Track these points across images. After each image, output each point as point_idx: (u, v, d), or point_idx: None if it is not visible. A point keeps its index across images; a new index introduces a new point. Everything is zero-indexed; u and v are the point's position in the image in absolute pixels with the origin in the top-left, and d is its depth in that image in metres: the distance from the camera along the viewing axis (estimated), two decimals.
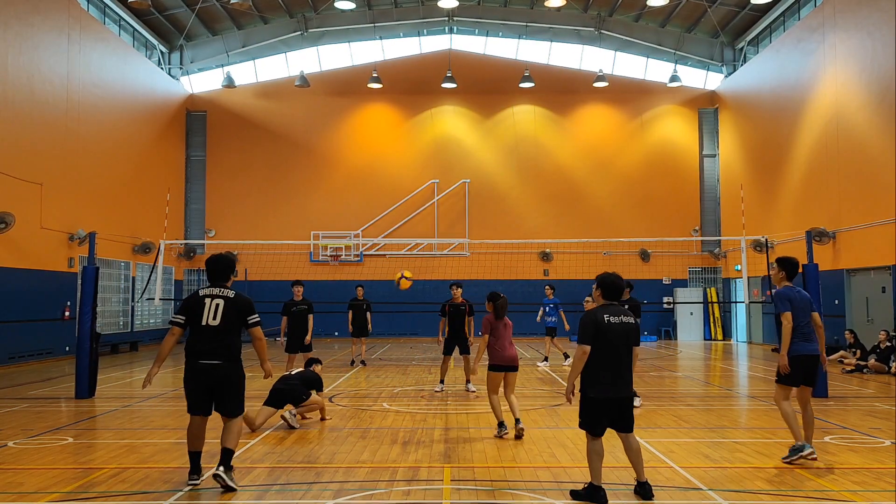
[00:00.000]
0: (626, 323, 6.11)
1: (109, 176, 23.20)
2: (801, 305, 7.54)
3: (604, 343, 6.00)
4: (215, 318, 6.45)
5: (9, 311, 17.88)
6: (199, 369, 6.42)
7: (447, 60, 29.24)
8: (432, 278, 28.12)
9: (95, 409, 11.10)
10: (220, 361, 6.41)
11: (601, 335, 6.00)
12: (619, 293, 6.40)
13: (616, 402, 6.06)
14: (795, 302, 7.51)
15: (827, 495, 6.18)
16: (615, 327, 6.04)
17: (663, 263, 28.92)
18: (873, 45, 18.93)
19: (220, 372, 6.42)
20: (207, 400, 6.47)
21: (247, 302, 6.64)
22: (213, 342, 6.42)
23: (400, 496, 6.16)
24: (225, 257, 6.90)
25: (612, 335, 6.02)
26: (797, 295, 7.60)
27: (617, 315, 6.11)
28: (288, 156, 29.67)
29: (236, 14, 27.57)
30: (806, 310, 7.55)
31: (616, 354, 6.02)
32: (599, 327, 6.02)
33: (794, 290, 7.64)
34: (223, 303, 6.51)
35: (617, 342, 6.03)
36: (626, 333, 6.08)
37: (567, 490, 6.25)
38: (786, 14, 25.16)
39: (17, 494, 6.25)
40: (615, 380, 6.01)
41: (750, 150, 26.85)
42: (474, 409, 10.84)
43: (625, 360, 6.06)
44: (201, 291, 6.61)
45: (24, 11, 18.95)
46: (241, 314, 6.53)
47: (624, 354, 6.06)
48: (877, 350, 16.36)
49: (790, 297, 7.53)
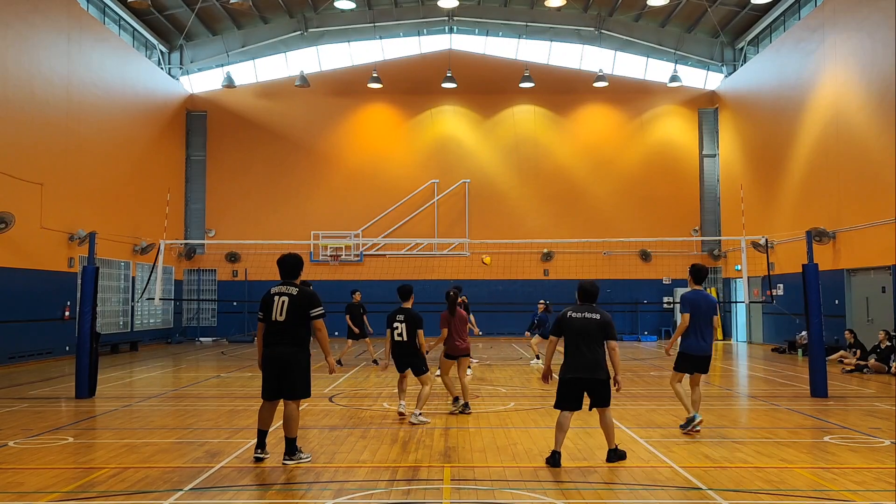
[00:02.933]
0: (588, 318, 7.21)
1: (109, 176, 23.20)
2: (705, 310, 8.63)
3: (567, 335, 7.24)
4: (282, 314, 7.12)
5: (9, 311, 17.88)
6: (268, 357, 7.18)
7: (447, 60, 29.24)
8: (432, 278, 28.17)
9: (95, 409, 11.10)
10: (284, 348, 7.12)
11: (565, 328, 7.26)
12: (591, 297, 7.43)
13: (578, 382, 7.16)
14: (697, 306, 8.59)
15: (827, 495, 6.18)
16: (576, 322, 7.21)
17: (663, 263, 28.92)
18: (873, 45, 18.92)
19: (285, 357, 7.12)
20: (276, 387, 7.18)
21: (309, 296, 7.21)
22: (280, 335, 7.14)
23: (400, 496, 6.17)
24: (293, 256, 7.41)
25: (573, 328, 7.20)
26: (703, 300, 8.67)
27: (580, 312, 7.27)
28: (288, 156, 29.67)
29: (236, 14, 27.56)
30: (708, 314, 8.64)
31: (574, 343, 7.19)
32: (562, 322, 7.30)
33: (700, 295, 8.72)
34: (288, 300, 7.14)
35: (576, 334, 7.18)
36: (586, 327, 7.17)
37: (567, 490, 6.24)
38: (786, 14, 25.15)
39: (17, 494, 6.25)
40: (576, 363, 7.15)
41: (750, 150, 26.84)
42: (474, 408, 10.84)
43: (582, 348, 7.14)
44: (273, 289, 7.28)
45: (24, 11, 18.95)
46: (302, 308, 7.13)
47: (581, 344, 7.15)
48: (877, 350, 16.36)
49: (693, 300, 8.64)
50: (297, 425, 7.25)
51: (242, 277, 28.79)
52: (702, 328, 8.62)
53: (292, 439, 7.24)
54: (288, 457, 7.22)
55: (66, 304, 20.15)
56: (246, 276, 28.58)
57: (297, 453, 7.27)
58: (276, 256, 8.02)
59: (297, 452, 7.28)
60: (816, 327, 12.18)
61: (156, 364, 18.94)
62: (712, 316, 8.65)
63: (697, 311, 8.59)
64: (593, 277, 16.65)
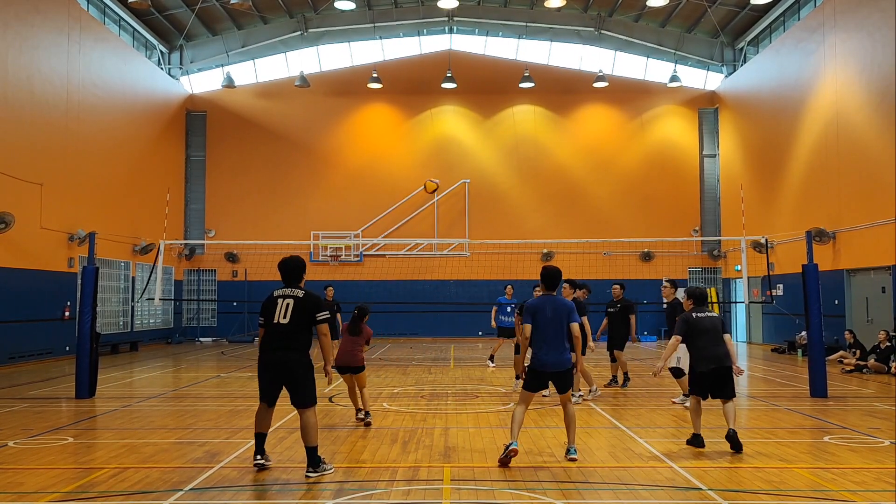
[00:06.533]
0: (711, 317, 8.12)
1: (109, 176, 23.20)
2: (552, 316, 7.40)
3: (694, 334, 8.04)
4: (285, 317, 6.90)
5: (9, 311, 17.88)
6: (268, 362, 6.94)
7: (447, 60, 29.24)
8: (432, 278, 28.19)
9: (95, 409, 11.10)
10: (287, 354, 6.87)
11: (693, 329, 8.04)
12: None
13: (716, 371, 7.91)
14: (540, 313, 7.43)
15: (827, 495, 6.18)
16: (704, 321, 8.08)
17: (663, 263, 28.92)
18: (873, 45, 18.93)
19: (286, 364, 6.88)
20: (274, 391, 6.97)
21: (314, 300, 7.04)
22: (282, 339, 6.89)
23: (400, 496, 6.16)
24: (295, 259, 7.24)
25: (701, 328, 8.02)
26: (550, 307, 7.44)
27: (702, 312, 8.20)
28: (288, 156, 29.67)
29: (236, 14, 27.56)
30: (559, 320, 7.38)
31: (703, 340, 8.00)
32: (689, 323, 8.09)
33: (548, 300, 7.50)
34: (293, 302, 6.94)
35: (703, 332, 8.00)
36: (714, 325, 8.07)
37: (566, 490, 6.25)
38: (786, 14, 25.16)
39: (17, 494, 6.25)
40: (709, 356, 7.94)
41: (750, 150, 26.85)
42: (475, 408, 10.84)
43: (710, 344, 7.95)
44: (275, 292, 7.07)
45: (24, 11, 18.95)
46: (308, 312, 6.94)
47: (709, 341, 7.97)
48: (877, 350, 16.36)
49: (533, 308, 7.49)
50: (316, 433, 6.86)
51: (242, 278, 28.78)
52: (550, 338, 7.41)
53: (313, 448, 6.79)
54: (312, 469, 6.76)
55: (66, 304, 20.15)
56: (246, 277, 28.56)
57: (322, 465, 6.83)
58: (276, 256, 8.02)
59: (322, 464, 6.84)
60: (816, 327, 12.18)
61: (156, 364, 18.94)
62: (568, 323, 7.45)
63: (544, 319, 7.44)
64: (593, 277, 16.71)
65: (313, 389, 7.01)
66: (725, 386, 8.00)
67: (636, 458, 7.58)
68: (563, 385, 7.46)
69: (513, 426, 7.36)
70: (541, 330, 7.44)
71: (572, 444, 7.46)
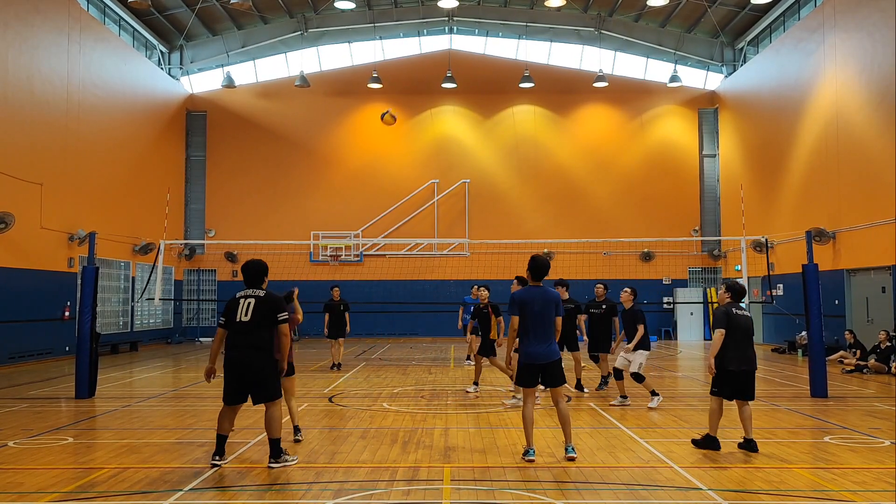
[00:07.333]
0: (747, 316, 8.02)
1: (109, 176, 23.19)
2: (541, 308, 7.33)
3: (733, 330, 7.87)
4: (247, 315, 7.16)
5: (9, 311, 17.88)
6: (233, 360, 7.13)
7: (447, 60, 29.24)
8: (432, 278, 28.18)
9: (95, 409, 11.09)
10: (250, 352, 7.08)
11: (732, 324, 7.86)
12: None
13: (743, 372, 7.85)
14: (529, 304, 7.35)
15: (827, 495, 6.18)
16: (741, 319, 7.93)
17: (663, 263, 28.92)
18: (873, 45, 18.92)
19: (249, 362, 7.08)
20: (238, 391, 7.14)
21: (276, 300, 7.29)
22: (245, 337, 7.12)
23: (400, 496, 6.16)
24: (257, 262, 7.55)
25: (739, 325, 7.88)
26: (540, 299, 7.37)
27: (739, 309, 8.03)
28: (288, 156, 29.67)
29: (236, 14, 27.56)
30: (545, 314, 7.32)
31: (738, 338, 7.88)
32: (730, 318, 7.90)
33: (537, 292, 7.45)
34: (254, 301, 7.22)
35: (740, 329, 7.87)
36: (748, 325, 7.99)
37: (566, 490, 6.24)
38: (786, 14, 25.16)
39: (17, 494, 6.25)
40: (742, 356, 7.85)
41: (750, 150, 26.84)
42: (475, 408, 10.84)
43: (742, 343, 7.86)
44: (238, 294, 7.37)
45: (24, 11, 18.95)
46: (270, 312, 7.19)
47: (742, 339, 7.89)
48: (877, 350, 16.35)
49: (519, 300, 7.41)
50: (279, 425, 7.18)
51: (242, 278, 28.77)
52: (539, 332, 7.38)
53: (276, 440, 7.16)
54: (273, 460, 7.15)
55: (66, 304, 20.14)
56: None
57: (283, 455, 7.20)
58: (276, 256, 8.06)
59: (283, 455, 7.20)
60: (816, 327, 12.18)
61: (156, 364, 18.94)
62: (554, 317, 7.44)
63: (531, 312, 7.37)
64: (593, 277, 16.68)
65: (277, 384, 7.29)
66: (749, 388, 7.93)
67: (636, 458, 7.58)
68: (553, 379, 7.41)
69: (526, 428, 7.36)
70: (529, 321, 7.37)
71: (570, 442, 7.45)
